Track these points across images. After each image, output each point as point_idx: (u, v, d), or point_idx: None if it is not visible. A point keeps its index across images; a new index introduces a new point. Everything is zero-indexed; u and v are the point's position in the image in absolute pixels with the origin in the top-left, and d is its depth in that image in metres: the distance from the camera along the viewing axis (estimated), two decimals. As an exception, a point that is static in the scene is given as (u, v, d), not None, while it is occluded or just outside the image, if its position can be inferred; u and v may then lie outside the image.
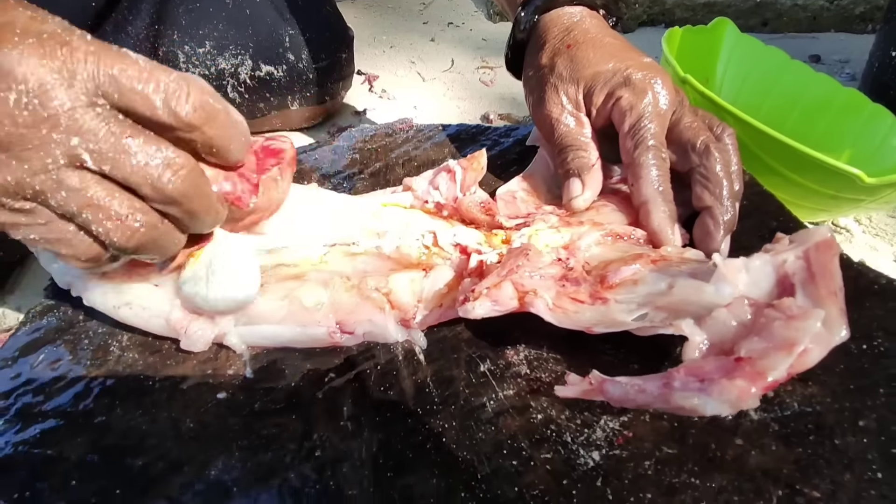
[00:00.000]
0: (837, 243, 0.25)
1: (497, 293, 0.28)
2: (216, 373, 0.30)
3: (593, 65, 0.36)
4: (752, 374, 0.21)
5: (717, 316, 0.23)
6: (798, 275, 0.24)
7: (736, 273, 0.25)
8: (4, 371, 0.31)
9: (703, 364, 0.23)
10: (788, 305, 0.22)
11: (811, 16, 0.91)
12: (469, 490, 0.24)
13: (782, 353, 0.21)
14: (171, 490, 0.25)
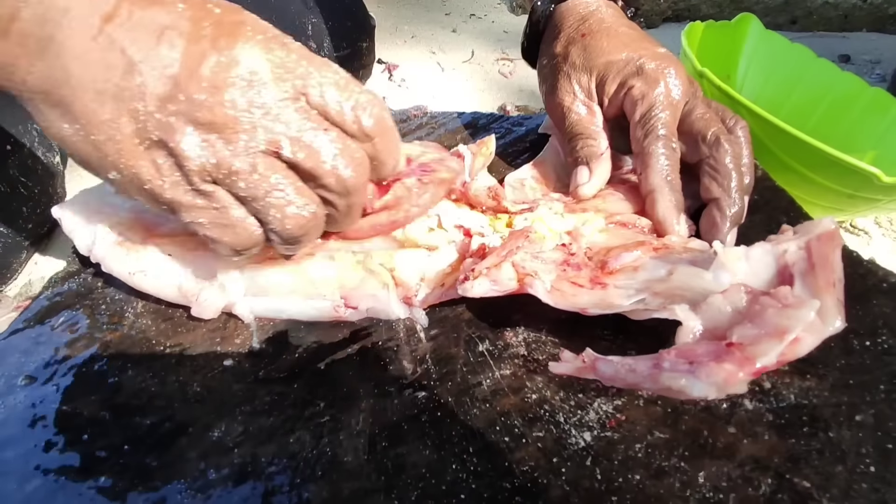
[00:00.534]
0: (840, 235, 0.24)
1: (497, 273, 0.28)
2: (224, 341, 0.31)
3: (606, 54, 0.35)
4: (741, 359, 0.21)
5: (712, 302, 0.24)
6: (798, 265, 0.24)
7: (735, 261, 0.25)
8: (27, 331, 0.32)
9: (695, 347, 0.23)
10: (784, 294, 0.22)
11: (842, 14, 0.88)
12: (460, 462, 0.25)
13: (773, 340, 0.21)
14: (176, 449, 0.26)
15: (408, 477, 0.24)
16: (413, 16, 1.06)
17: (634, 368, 0.24)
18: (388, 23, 1.02)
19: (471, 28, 1.03)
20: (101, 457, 0.26)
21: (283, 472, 0.25)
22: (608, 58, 0.35)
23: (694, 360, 0.22)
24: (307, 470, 0.25)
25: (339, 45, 0.72)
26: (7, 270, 0.50)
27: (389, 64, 0.90)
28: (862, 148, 0.58)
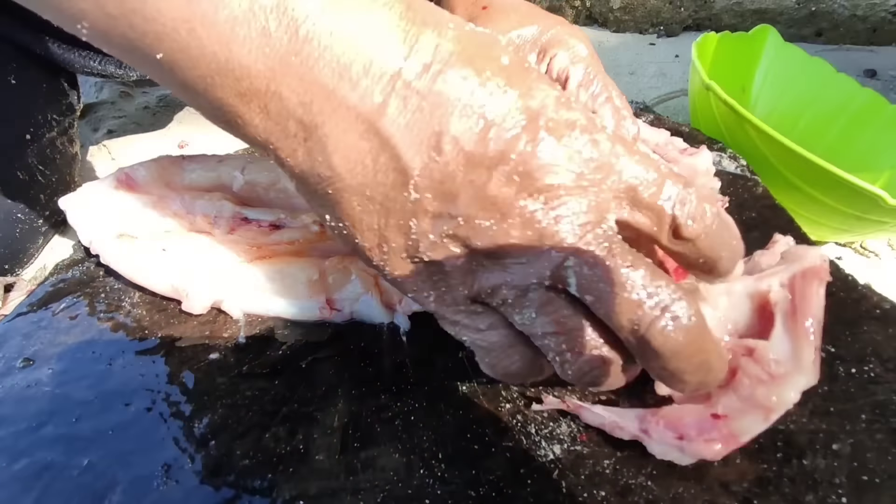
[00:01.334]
0: (827, 270, 0.24)
1: None
2: (212, 335, 0.32)
3: (516, 26, 0.33)
4: (728, 437, 0.22)
5: None
6: (780, 304, 0.23)
7: (717, 297, 0.25)
8: (29, 315, 0.34)
9: (681, 415, 0.23)
10: (765, 360, 0.22)
11: (871, 28, 0.85)
12: (428, 468, 0.25)
13: (759, 417, 0.22)
14: (157, 437, 0.27)
15: (375, 479, 0.25)
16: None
17: (622, 426, 0.24)
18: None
19: (489, 31, 1.02)
20: (88, 440, 0.27)
21: (256, 466, 0.25)
22: (519, 32, 0.33)
23: (682, 434, 0.23)
24: (279, 466, 0.25)
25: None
26: (24, 255, 0.52)
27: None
28: (880, 167, 0.56)
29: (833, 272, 0.33)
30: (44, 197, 0.53)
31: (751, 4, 0.89)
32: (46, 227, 0.54)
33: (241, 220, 0.32)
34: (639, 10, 0.95)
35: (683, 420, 0.23)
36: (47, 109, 0.53)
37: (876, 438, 0.24)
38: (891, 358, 0.28)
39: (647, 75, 0.85)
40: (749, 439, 0.22)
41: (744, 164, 0.42)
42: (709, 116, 0.50)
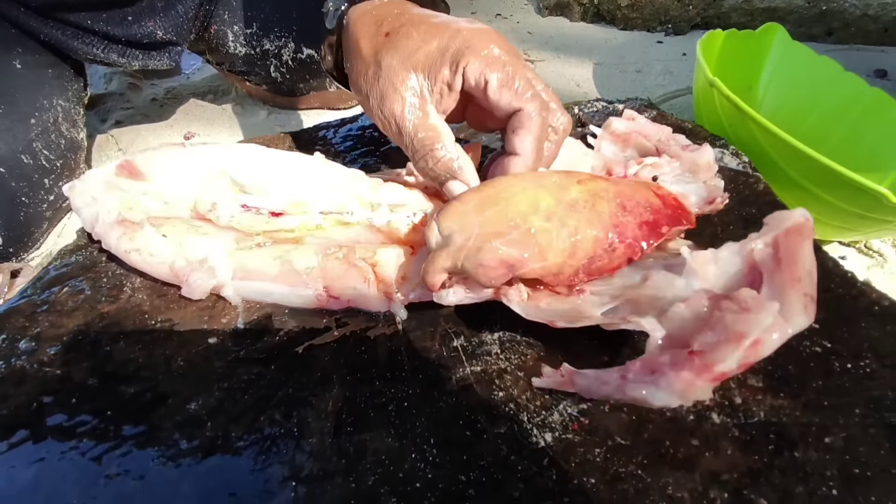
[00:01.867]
0: (811, 227, 0.23)
1: (476, 286, 0.28)
2: (211, 320, 0.32)
3: (421, 46, 0.32)
4: (700, 367, 0.21)
5: (675, 311, 0.23)
6: (765, 263, 0.23)
7: (705, 265, 0.24)
8: (33, 297, 0.34)
9: (658, 357, 0.23)
10: (744, 298, 0.22)
11: (882, 28, 0.85)
12: (420, 452, 0.25)
13: (731, 345, 0.21)
14: (154, 418, 0.27)
15: (367, 462, 0.25)
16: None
17: (605, 381, 0.24)
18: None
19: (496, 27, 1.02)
20: (85, 420, 0.27)
21: (250, 447, 0.26)
22: (424, 50, 0.32)
23: (656, 369, 0.22)
24: (273, 448, 0.26)
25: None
26: (28, 239, 0.53)
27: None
28: (887, 167, 0.56)
29: (832, 269, 0.33)
30: (48, 182, 0.53)
31: (760, 3, 0.88)
32: (51, 213, 0.55)
33: (242, 207, 0.32)
34: (647, 8, 0.95)
35: (659, 359, 0.23)
36: (53, 95, 0.53)
37: (869, 433, 0.24)
38: (888, 354, 0.27)
39: (654, 73, 0.84)
40: (726, 370, 0.21)
41: (746, 160, 0.42)
42: (712, 113, 0.49)
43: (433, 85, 0.32)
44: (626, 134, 0.39)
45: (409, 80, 0.32)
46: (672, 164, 0.36)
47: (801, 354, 0.28)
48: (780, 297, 0.22)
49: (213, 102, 0.78)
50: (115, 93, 0.79)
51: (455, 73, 0.32)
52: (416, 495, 0.24)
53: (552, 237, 0.27)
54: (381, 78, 0.32)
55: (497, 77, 0.31)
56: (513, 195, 0.28)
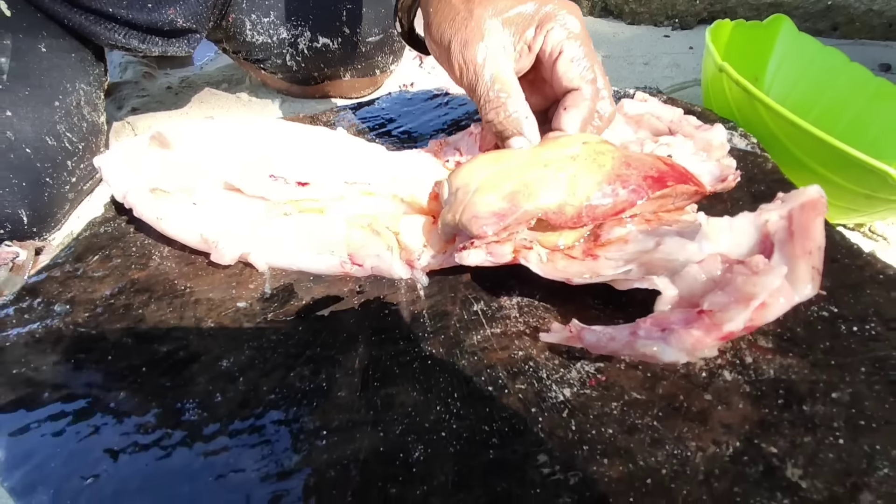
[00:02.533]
0: (824, 203, 0.25)
1: (496, 247, 0.30)
2: (239, 286, 0.33)
3: (515, 4, 0.33)
4: (709, 325, 0.22)
5: (688, 271, 0.24)
6: (778, 234, 0.24)
7: (719, 232, 0.26)
8: (65, 266, 0.35)
9: (669, 315, 0.24)
10: (755, 262, 0.23)
11: (887, 23, 0.86)
12: (444, 405, 0.26)
13: (740, 306, 0.22)
14: (188, 373, 0.28)
15: (395, 413, 0.26)
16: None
17: (614, 336, 0.25)
18: (424, 13, 1.04)
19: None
20: (123, 375, 0.28)
21: (282, 400, 0.27)
22: (518, 8, 0.33)
23: (666, 327, 0.24)
24: (303, 400, 0.27)
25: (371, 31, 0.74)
26: (51, 219, 0.54)
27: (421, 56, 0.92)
28: (891, 154, 0.57)
29: (839, 241, 0.34)
30: (70, 164, 0.55)
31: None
32: (73, 194, 0.56)
33: (269, 177, 0.34)
34: (654, 3, 0.96)
35: (670, 317, 0.24)
36: (75, 78, 0.55)
37: (874, 389, 0.25)
38: (892, 318, 0.28)
39: (661, 66, 0.85)
40: (732, 330, 0.22)
41: (754, 141, 0.43)
42: (721, 99, 0.50)
43: (517, 42, 0.34)
44: (638, 115, 0.40)
45: (498, 32, 0.33)
46: (686, 142, 0.37)
47: (809, 318, 0.29)
48: (790, 266, 0.24)
49: (227, 91, 0.79)
50: (131, 81, 0.81)
51: (538, 34, 0.33)
52: (442, 443, 0.25)
53: (547, 179, 0.28)
54: (471, 24, 0.33)
55: (571, 51, 0.33)
56: (517, 155, 0.30)
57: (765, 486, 0.22)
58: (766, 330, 0.28)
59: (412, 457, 0.24)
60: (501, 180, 0.29)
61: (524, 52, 0.34)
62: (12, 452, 0.25)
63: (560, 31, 0.33)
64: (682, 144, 0.37)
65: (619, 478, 0.23)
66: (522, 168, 0.29)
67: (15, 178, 0.49)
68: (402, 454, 0.24)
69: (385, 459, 0.24)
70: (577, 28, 0.33)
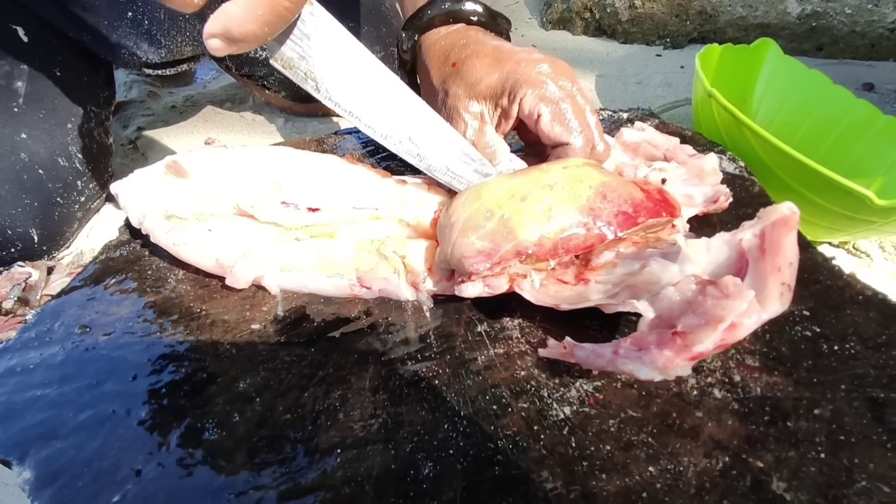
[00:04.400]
0: (796, 220, 0.26)
1: (492, 280, 0.31)
2: (253, 308, 0.35)
3: (483, 77, 0.36)
4: (680, 347, 0.24)
5: (665, 293, 0.26)
6: (752, 252, 0.26)
7: (698, 252, 0.27)
8: (83, 289, 0.37)
9: (647, 335, 0.25)
10: (726, 284, 0.24)
11: (869, 44, 0.89)
12: (452, 424, 0.28)
13: (709, 328, 0.23)
14: (206, 394, 0.30)
15: (405, 432, 0.27)
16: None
17: (600, 354, 0.27)
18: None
19: (500, 40, 1.06)
20: (143, 395, 0.30)
21: (296, 420, 0.28)
22: (486, 81, 0.36)
23: (643, 346, 0.25)
24: (317, 420, 0.28)
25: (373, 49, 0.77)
26: (61, 238, 0.55)
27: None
28: (872, 174, 0.59)
29: (821, 263, 0.36)
30: (80, 184, 0.56)
31: (754, 19, 0.92)
32: (82, 214, 0.58)
33: (281, 203, 0.35)
34: (646, 23, 0.99)
35: (647, 337, 0.25)
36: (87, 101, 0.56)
37: (854, 405, 0.27)
38: (870, 337, 0.30)
39: (654, 85, 0.88)
40: (702, 351, 0.24)
41: (742, 165, 0.45)
42: (710, 122, 0.53)
43: (493, 111, 0.37)
44: (636, 144, 0.42)
45: (472, 106, 0.37)
46: (679, 169, 0.39)
47: (794, 338, 0.31)
48: (761, 284, 0.25)
49: (231, 110, 0.81)
50: (136, 100, 0.82)
51: (512, 102, 0.36)
52: (450, 460, 0.26)
53: (524, 214, 0.30)
54: (448, 104, 0.37)
55: (549, 112, 0.35)
56: (495, 188, 0.32)
57: (752, 498, 0.24)
58: (753, 349, 0.30)
59: (422, 474, 0.26)
60: (481, 218, 0.31)
61: (504, 118, 0.37)
62: (41, 473, 0.27)
63: (531, 98, 0.35)
64: (676, 171, 0.38)
65: (617, 492, 0.25)
66: (501, 203, 0.31)
67: (27, 198, 0.50)
68: (412, 471, 0.26)
69: (396, 476, 0.26)
70: (549, 89, 0.35)
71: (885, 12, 0.87)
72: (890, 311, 0.32)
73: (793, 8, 0.90)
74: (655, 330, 0.25)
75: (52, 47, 0.52)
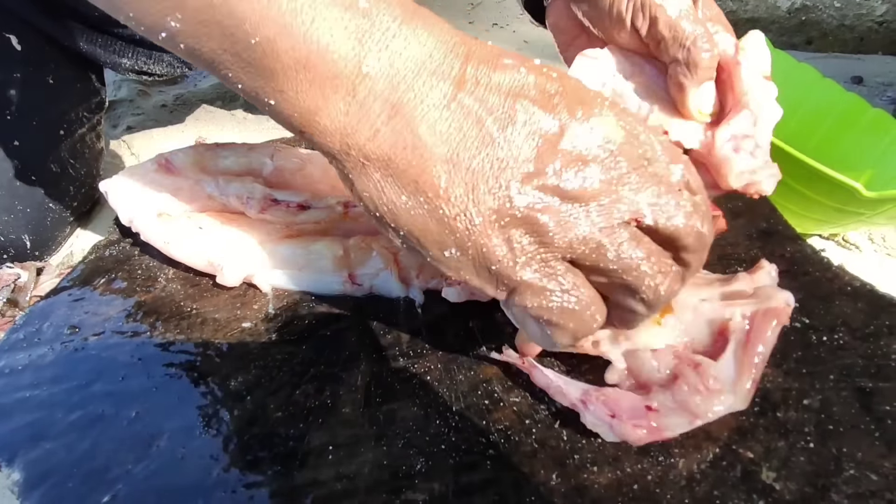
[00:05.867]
0: (788, 312, 0.27)
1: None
2: (244, 307, 0.35)
3: None
4: (653, 429, 0.25)
5: (642, 355, 0.27)
6: (736, 334, 0.26)
7: (684, 311, 0.28)
8: (73, 290, 0.37)
9: (619, 399, 0.26)
10: (707, 376, 0.25)
11: (858, 37, 0.89)
12: (444, 419, 0.28)
13: (684, 419, 0.25)
14: (197, 393, 0.30)
15: (397, 428, 0.27)
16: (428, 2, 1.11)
17: (565, 393, 0.27)
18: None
19: (492, 37, 1.06)
20: (133, 395, 0.29)
21: (289, 418, 0.28)
22: None
23: (615, 413, 0.25)
24: (309, 417, 0.28)
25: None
26: (52, 242, 0.55)
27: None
28: (861, 166, 0.60)
29: (810, 255, 0.36)
30: (72, 189, 0.56)
31: (744, 13, 0.93)
32: (73, 218, 0.57)
33: (271, 201, 0.35)
34: None
35: (620, 403, 0.26)
36: (79, 107, 0.56)
37: (842, 395, 0.27)
38: (858, 328, 0.31)
39: (644, 80, 0.88)
40: (671, 436, 0.25)
41: (732, 159, 0.45)
42: (700, 116, 0.53)
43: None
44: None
45: None
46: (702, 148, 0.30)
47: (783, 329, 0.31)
48: (736, 376, 0.26)
49: (221, 108, 0.81)
50: (126, 99, 0.82)
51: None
52: (441, 455, 0.26)
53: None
54: None
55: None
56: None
57: (742, 489, 0.24)
58: (743, 341, 0.30)
59: (414, 469, 0.26)
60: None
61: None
62: (30, 474, 0.26)
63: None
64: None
65: (608, 484, 0.25)
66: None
67: (20, 205, 0.50)
68: (404, 467, 0.26)
69: (388, 473, 0.26)
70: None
71: (873, 6, 0.88)
72: (878, 301, 0.32)
73: (782, 2, 0.91)
74: (628, 396, 0.26)
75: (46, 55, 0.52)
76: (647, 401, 0.26)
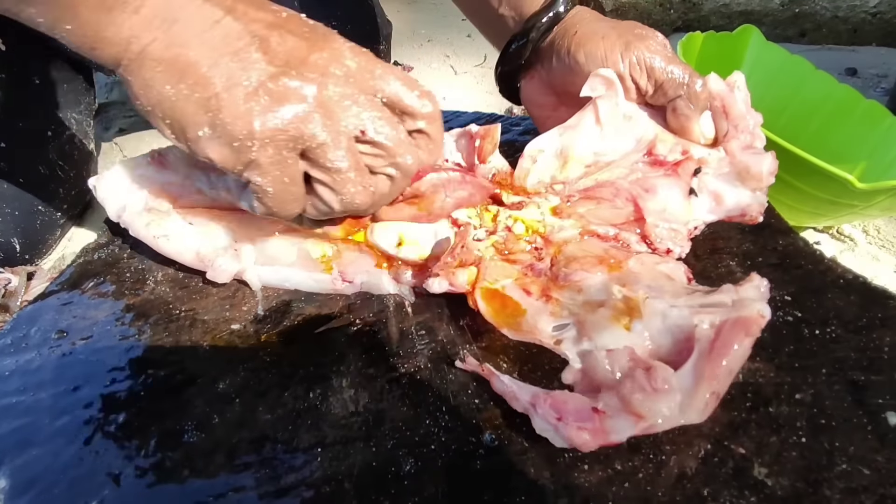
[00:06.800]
0: (759, 325, 0.25)
1: (453, 277, 0.31)
2: (233, 308, 0.34)
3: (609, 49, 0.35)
4: (597, 431, 0.24)
5: (598, 356, 0.26)
6: (701, 343, 0.25)
7: (653, 316, 0.27)
8: (61, 294, 0.36)
9: (567, 400, 0.25)
10: (656, 377, 0.24)
11: (852, 28, 0.89)
12: (433, 419, 0.27)
13: (629, 422, 0.24)
14: (186, 396, 0.29)
15: (386, 429, 0.27)
16: (430, 21, 1.10)
17: (517, 397, 0.27)
18: (406, 27, 1.06)
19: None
20: (121, 399, 0.29)
21: (278, 420, 0.28)
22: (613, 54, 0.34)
23: (562, 416, 0.25)
24: (298, 419, 0.28)
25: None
26: (43, 246, 0.55)
27: (405, 66, 0.94)
28: (855, 158, 0.59)
29: (803, 248, 0.36)
30: (62, 191, 0.55)
31: (737, 7, 0.92)
32: (64, 220, 0.57)
33: (259, 201, 0.35)
34: (630, 13, 0.98)
35: (567, 405, 0.25)
36: (67, 108, 0.55)
37: (834, 389, 0.27)
38: (850, 321, 0.30)
39: (638, 75, 0.88)
40: (617, 440, 0.24)
41: (724, 152, 0.45)
42: (693, 110, 0.53)
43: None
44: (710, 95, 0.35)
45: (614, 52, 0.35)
46: (721, 162, 0.34)
47: (775, 323, 0.31)
48: (693, 386, 0.24)
49: (213, 109, 0.80)
50: (118, 102, 0.81)
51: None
52: (431, 456, 0.26)
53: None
54: (602, 40, 0.35)
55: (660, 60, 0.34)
56: None
57: (734, 485, 0.24)
58: (735, 336, 0.30)
59: (403, 470, 0.25)
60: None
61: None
62: (17, 480, 0.26)
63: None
64: (716, 163, 0.34)
65: (599, 482, 0.24)
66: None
67: (8, 207, 0.50)
68: (393, 468, 0.26)
69: (378, 474, 0.25)
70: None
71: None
72: (870, 294, 0.32)
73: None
74: (576, 398, 0.25)
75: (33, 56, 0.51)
76: (594, 402, 0.25)
